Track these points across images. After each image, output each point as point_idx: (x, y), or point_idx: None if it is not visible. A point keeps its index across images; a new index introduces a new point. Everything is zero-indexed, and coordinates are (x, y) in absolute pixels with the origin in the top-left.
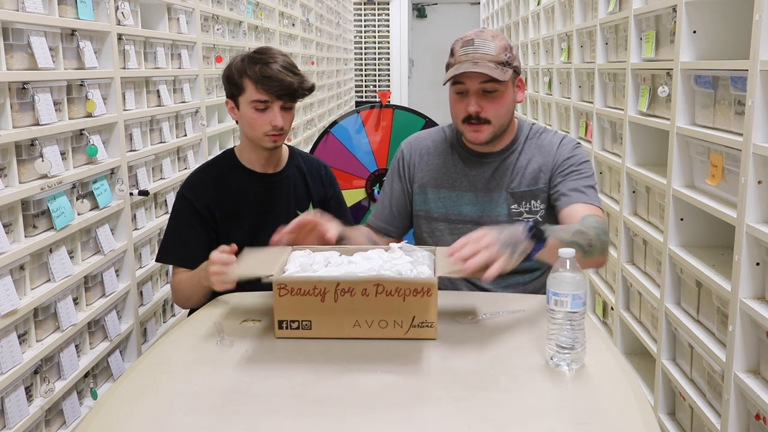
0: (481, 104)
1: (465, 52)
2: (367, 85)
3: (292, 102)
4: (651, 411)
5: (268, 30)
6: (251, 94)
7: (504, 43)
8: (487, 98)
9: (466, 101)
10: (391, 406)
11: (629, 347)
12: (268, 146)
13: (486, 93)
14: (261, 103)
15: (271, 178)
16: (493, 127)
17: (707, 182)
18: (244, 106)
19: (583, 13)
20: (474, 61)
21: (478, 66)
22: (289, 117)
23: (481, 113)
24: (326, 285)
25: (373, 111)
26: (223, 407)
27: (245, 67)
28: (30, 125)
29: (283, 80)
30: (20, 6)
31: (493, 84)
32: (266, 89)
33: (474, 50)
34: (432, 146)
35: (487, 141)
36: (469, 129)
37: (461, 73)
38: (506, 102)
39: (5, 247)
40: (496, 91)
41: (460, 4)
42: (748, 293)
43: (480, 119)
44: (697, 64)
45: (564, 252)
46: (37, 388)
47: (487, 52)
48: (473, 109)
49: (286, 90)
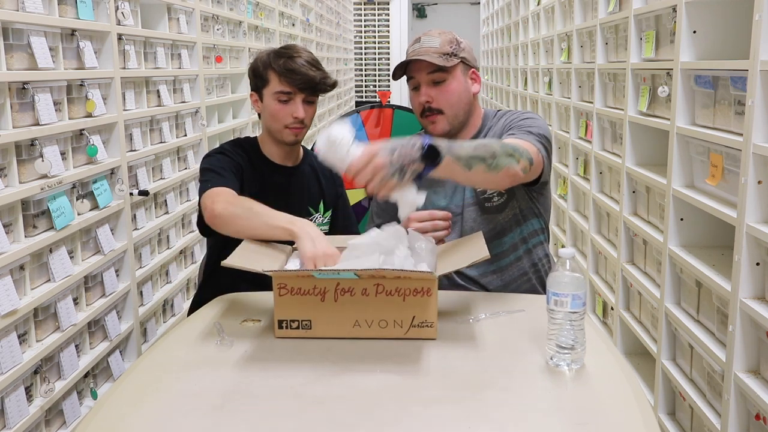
0: (431, 94)
1: (413, 49)
2: (367, 85)
3: (313, 96)
4: (651, 411)
5: (268, 30)
6: (275, 85)
7: (450, 38)
8: (437, 88)
9: (419, 94)
10: (391, 406)
11: (629, 347)
12: (289, 140)
13: (435, 84)
14: (284, 95)
15: (289, 171)
16: (447, 117)
17: (707, 182)
18: (267, 98)
19: (583, 13)
20: (419, 54)
21: (421, 56)
22: (311, 111)
23: (432, 103)
24: (326, 285)
25: (373, 111)
26: (223, 407)
27: (270, 61)
28: (30, 125)
29: (306, 74)
30: (20, 6)
31: (440, 74)
32: (289, 81)
33: (420, 45)
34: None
35: (446, 131)
36: (426, 122)
37: (410, 65)
38: (456, 91)
39: (5, 247)
40: (444, 81)
41: (460, 4)
42: (748, 293)
43: (432, 110)
44: (697, 64)
45: (564, 252)
46: (37, 388)
47: (431, 46)
48: (423, 99)
49: (308, 83)
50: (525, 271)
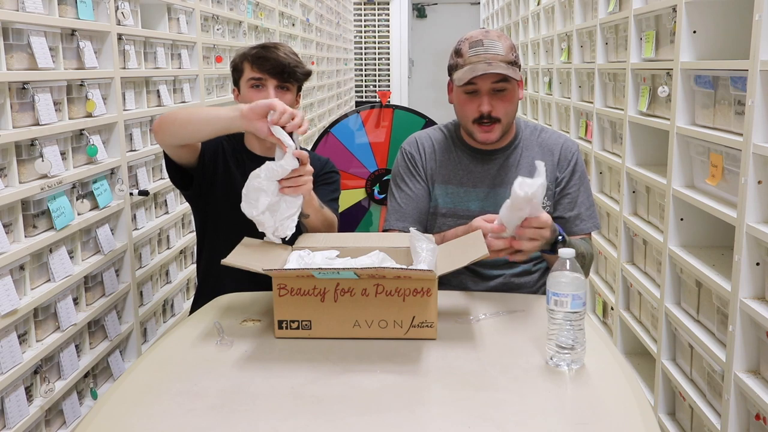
0: (493, 103)
1: (476, 53)
2: (367, 85)
3: (286, 82)
4: (651, 411)
5: (268, 30)
6: (248, 73)
7: (510, 43)
8: (498, 97)
9: (477, 101)
10: (391, 406)
11: (629, 347)
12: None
13: (496, 92)
14: (256, 80)
15: (266, 161)
16: (502, 126)
17: (707, 182)
18: (243, 88)
19: (583, 13)
20: (488, 61)
21: (493, 67)
22: (285, 98)
23: (493, 112)
24: (326, 285)
25: (373, 111)
26: (223, 407)
27: (245, 52)
28: (30, 125)
29: (276, 59)
30: (20, 6)
31: (503, 84)
32: (260, 67)
33: (485, 51)
34: (435, 144)
35: (497, 139)
36: (479, 129)
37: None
38: (515, 100)
39: (5, 247)
40: (505, 90)
41: (460, 4)
42: (748, 293)
43: (491, 119)
44: (697, 64)
45: (564, 252)
46: (37, 388)
47: (497, 53)
48: (486, 109)
49: (278, 68)
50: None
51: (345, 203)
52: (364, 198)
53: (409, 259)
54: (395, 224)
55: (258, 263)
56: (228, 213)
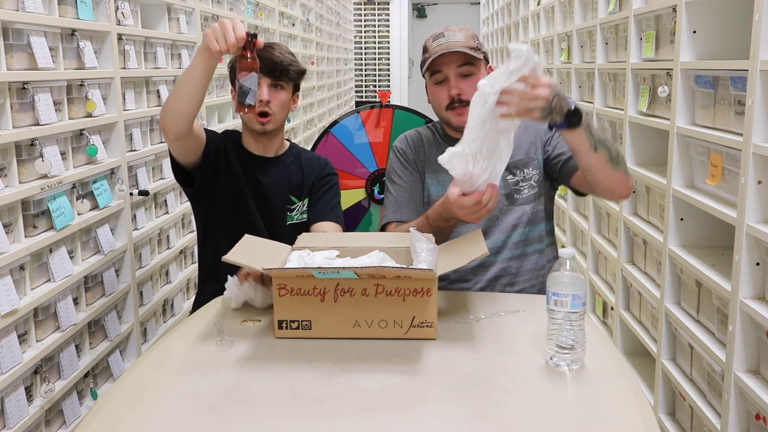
0: (461, 87)
1: (438, 44)
2: (367, 85)
3: (279, 81)
4: (651, 411)
5: (268, 30)
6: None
7: (472, 33)
8: (465, 81)
9: (446, 87)
10: (391, 406)
11: (629, 347)
12: (256, 128)
13: (463, 77)
14: None
15: (268, 162)
16: None
17: (707, 182)
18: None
19: (583, 13)
20: (448, 47)
21: (456, 49)
22: (279, 97)
23: (462, 95)
24: (326, 285)
25: (373, 111)
26: (223, 407)
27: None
28: (30, 125)
29: (269, 56)
30: (20, 6)
31: (468, 67)
32: None
33: (446, 40)
34: (423, 139)
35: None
36: (453, 114)
37: (438, 59)
38: None
39: (5, 247)
40: (471, 74)
41: (460, 4)
42: (748, 293)
43: (462, 101)
44: (697, 64)
45: (564, 252)
46: (37, 388)
47: (458, 40)
48: (454, 92)
49: (270, 65)
50: (543, 265)
51: (345, 203)
52: (364, 198)
53: (409, 259)
54: (392, 216)
55: (258, 262)
56: (230, 209)
